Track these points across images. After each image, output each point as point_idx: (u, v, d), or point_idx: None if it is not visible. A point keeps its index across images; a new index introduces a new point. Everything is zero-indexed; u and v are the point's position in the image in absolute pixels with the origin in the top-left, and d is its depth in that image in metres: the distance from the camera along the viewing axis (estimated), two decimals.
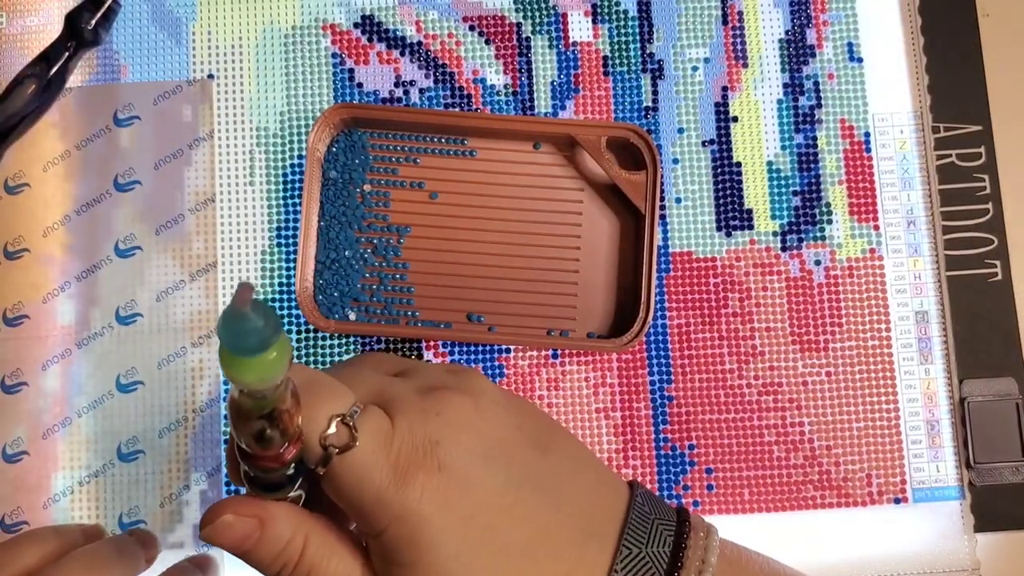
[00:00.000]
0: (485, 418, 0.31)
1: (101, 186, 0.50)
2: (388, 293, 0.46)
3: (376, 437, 0.29)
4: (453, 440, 0.30)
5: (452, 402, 0.31)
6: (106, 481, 0.48)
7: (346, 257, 0.47)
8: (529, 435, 0.32)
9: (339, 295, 0.47)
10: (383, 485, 0.29)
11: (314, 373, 0.30)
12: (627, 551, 0.31)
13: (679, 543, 0.32)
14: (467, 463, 0.30)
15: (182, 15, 0.51)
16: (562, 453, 0.33)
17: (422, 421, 0.30)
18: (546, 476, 0.32)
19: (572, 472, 0.33)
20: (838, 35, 0.51)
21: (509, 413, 0.32)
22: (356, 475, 0.29)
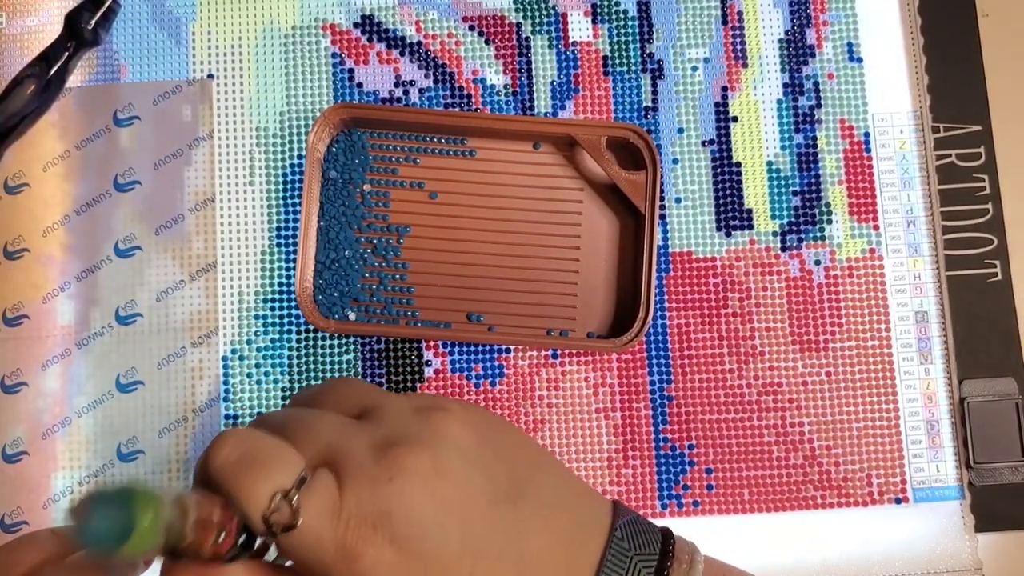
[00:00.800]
0: (444, 477, 0.29)
1: (101, 186, 0.50)
2: (388, 293, 0.46)
3: (321, 514, 0.27)
4: (404, 511, 0.28)
5: (407, 465, 0.29)
6: (106, 481, 0.48)
7: (346, 257, 0.47)
8: (497, 486, 0.31)
9: (339, 295, 0.47)
10: (330, 562, 0.27)
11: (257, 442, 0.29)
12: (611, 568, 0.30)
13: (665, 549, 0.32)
14: (420, 534, 0.28)
15: (182, 15, 0.51)
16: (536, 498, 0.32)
17: (371, 490, 0.28)
18: (511, 535, 0.30)
19: (544, 520, 0.31)
20: (838, 35, 0.51)
21: (474, 465, 0.30)
22: (303, 551, 0.27)
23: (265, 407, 0.48)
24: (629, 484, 0.48)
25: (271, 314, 0.49)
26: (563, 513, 0.32)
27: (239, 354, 0.49)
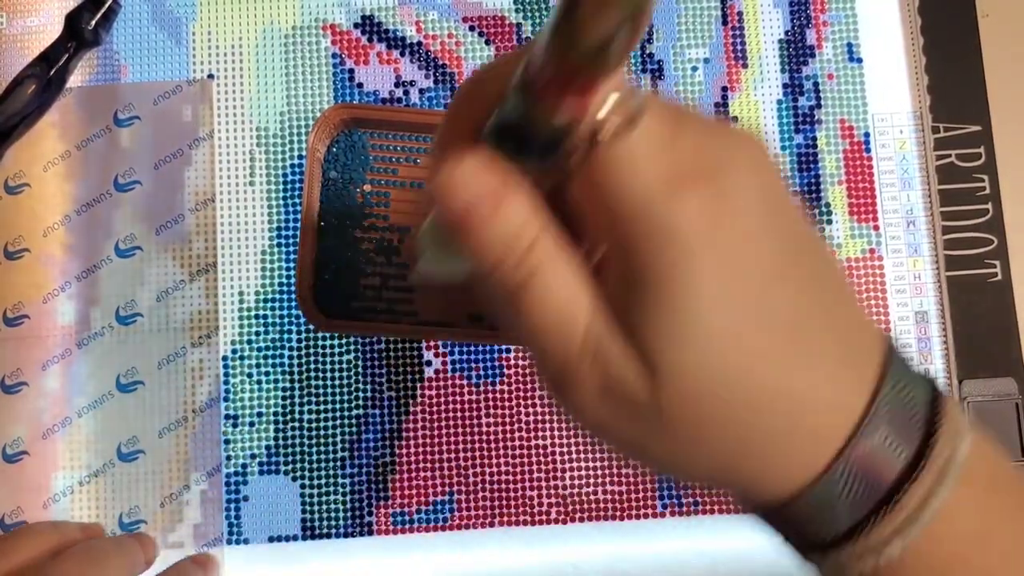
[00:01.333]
0: (772, 175, 0.25)
1: (101, 186, 0.50)
2: (389, 293, 0.46)
3: (657, 132, 0.24)
4: (739, 176, 0.24)
5: (744, 142, 0.25)
6: (106, 481, 0.48)
7: (347, 257, 0.47)
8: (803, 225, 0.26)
9: (340, 296, 0.47)
10: (652, 187, 0.23)
11: None
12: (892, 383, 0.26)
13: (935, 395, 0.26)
14: (748, 205, 0.24)
15: (182, 15, 0.51)
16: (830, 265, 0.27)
17: (709, 140, 0.24)
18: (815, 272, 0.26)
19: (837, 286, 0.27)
20: (838, 35, 0.51)
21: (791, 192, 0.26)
22: (624, 169, 0.23)
23: (265, 407, 0.48)
24: (629, 484, 0.48)
25: (271, 314, 0.49)
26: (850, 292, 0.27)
27: (239, 354, 0.49)
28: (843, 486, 0.25)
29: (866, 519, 0.25)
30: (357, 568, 0.48)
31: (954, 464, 0.25)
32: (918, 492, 0.25)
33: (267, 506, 0.48)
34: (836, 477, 0.25)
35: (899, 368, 0.26)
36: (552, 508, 0.48)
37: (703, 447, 0.25)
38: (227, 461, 0.48)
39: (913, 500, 0.25)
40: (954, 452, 0.25)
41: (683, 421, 0.24)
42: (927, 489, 0.25)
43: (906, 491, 0.25)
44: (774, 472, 0.25)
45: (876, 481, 0.25)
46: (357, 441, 0.48)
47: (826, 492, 0.25)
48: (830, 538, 0.26)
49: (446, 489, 0.48)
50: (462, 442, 0.48)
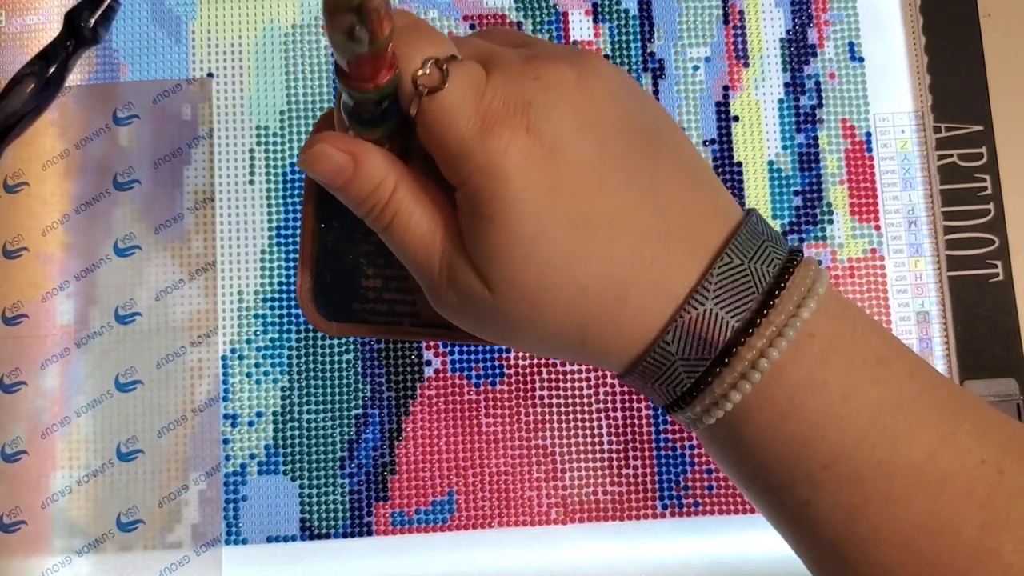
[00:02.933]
0: (587, 93, 0.30)
1: (100, 185, 0.49)
2: (390, 294, 0.46)
3: (467, 85, 0.29)
4: (546, 105, 0.29)
5: (554, 70, 0.30)
6: (105, 481, 0.48)
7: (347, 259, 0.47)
8: (635, 125, 0.31)
9: (340, 297, 0.47)
10: (468, 133, 0.29)
11: (418, 20, 0.31)
12: (727, 260, 0.30)
13: (786, 267, 0.30)
14: (557, 130, 0.29)
15: (182, 13, 0.51)
16: (671, 156, 0.32)
17: (518, 81, 0.30)
18: (642, 168, 0.31)
19: (676, 176, 0.31)
20: (839, 35, 0.51)
21: (617, 98, 0.31)
22: (443, 119, 0.29)
23: (265, 407, 0.48)
24: (629, 484, 0.48)
25: (271, 313, 0.49)
26: (699, 183, 0.32)
27: (239, 353, 0.49)
28: (677, 348, 0.30)
29: (704, 377, 0.30)
30: (356, 568, 0.47)
31: (793, 326, 0.29)
32: (749, 353, 0.29)
33: (266, 506, 0.48)
34: (668, 340, 0.30)
35: (744, 243, 0.31)
36: (552, 508, 0.48)
37: (548, 336, 0.31)
38: (226, 461, 0.48)
39: (744, 359, 0.29)
40: (795, 314, 0.29)
41: (523, 318, 0.30)
42: (758, 350, 0.29)
43: (735, 352, 0.29)
44: (616, 342, 0.31)
45: (708, 343, 0.30)
46: (357, 441, 0.48)
47: (662, 355, 0.30)
48: (678, 395, 0.31)
49: (446, 489, 0.48)
50: (462, 442, 0.48)
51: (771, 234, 0.32)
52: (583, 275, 0.30)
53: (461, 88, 0.29)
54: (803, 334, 0.30)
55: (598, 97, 0.30)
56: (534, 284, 0.30)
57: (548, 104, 0.29)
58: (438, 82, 0.29)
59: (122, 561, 0.47)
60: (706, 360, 0.30)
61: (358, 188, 0.31)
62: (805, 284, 0.30)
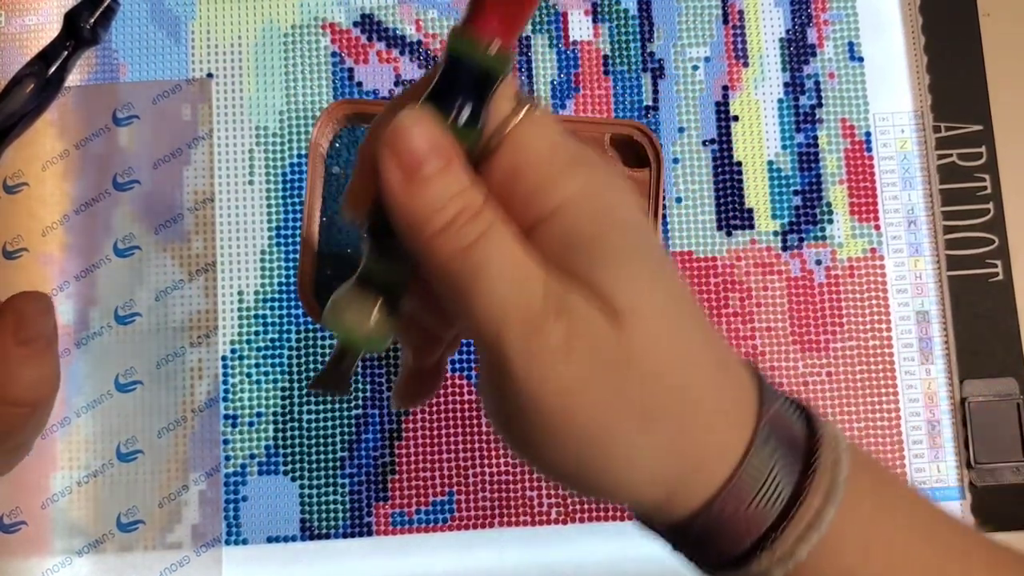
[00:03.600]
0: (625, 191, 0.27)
1: (100, 185, 0.49)
2: None
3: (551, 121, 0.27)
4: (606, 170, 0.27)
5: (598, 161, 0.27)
6: (105, 481, 0.48)
7: (348, 253, 0.47)
8: None
9: None
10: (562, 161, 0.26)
11: None
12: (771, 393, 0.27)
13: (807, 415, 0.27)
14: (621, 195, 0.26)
15: (181, 14, 0.51)
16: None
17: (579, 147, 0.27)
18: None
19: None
20: (839, 34, 0.51)
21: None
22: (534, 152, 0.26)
23: (265, 407, 0.48)
24: None
25: (271, 314, 0.49)
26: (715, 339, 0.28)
27: (238, 354, 0.48)
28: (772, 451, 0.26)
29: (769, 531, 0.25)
30: (356, 568, 0.47)
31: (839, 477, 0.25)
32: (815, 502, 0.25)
33: (266, 506, 0.48)
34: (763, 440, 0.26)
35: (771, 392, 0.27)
36: (552, 508, 0.48)
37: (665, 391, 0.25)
38: (226, 461, 0.48)
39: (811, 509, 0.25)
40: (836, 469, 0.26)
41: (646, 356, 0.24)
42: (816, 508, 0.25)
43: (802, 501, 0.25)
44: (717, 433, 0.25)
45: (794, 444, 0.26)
46: (356, 441, 0.48)
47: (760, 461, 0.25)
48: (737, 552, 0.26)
49: (446, 489, 0.48)
50: (462, 442, 0.48)
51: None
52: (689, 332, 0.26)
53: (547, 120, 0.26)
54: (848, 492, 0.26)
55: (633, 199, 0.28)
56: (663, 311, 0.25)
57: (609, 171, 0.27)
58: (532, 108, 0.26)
59: (122, 561, 0.47)
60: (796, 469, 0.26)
61: (448, 184, 0.24)
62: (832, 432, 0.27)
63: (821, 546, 0.25)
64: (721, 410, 0.26)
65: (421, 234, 0.24)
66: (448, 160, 0.24)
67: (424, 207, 0.24)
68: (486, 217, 0.24)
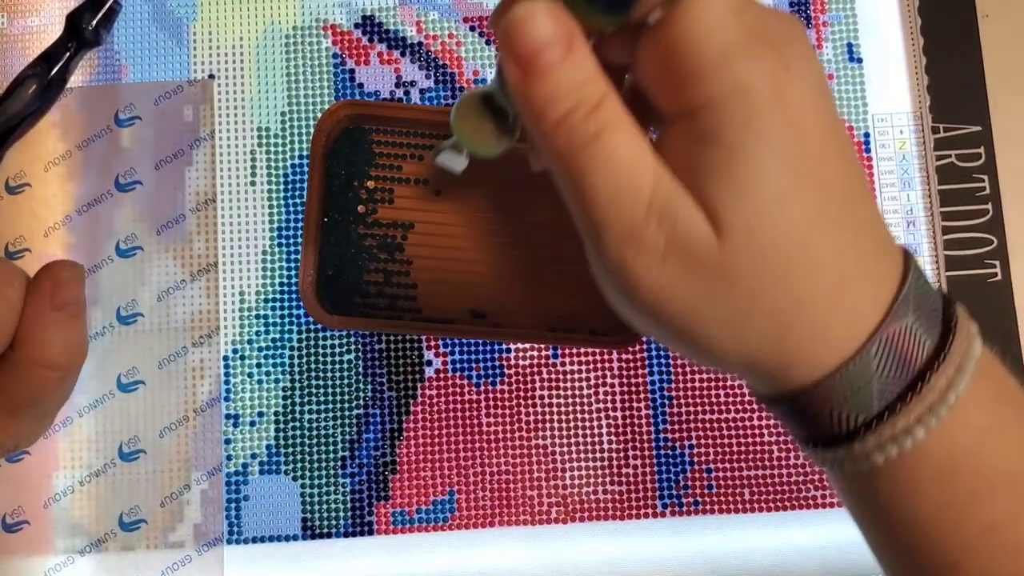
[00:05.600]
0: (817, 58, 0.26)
1: (102, 186, 0.50)
2: (392, 289, 0.46)
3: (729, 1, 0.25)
4: (805, 50, 0.25)
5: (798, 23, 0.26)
6: (107, 480, 0.48)
7: (350, 254, 0.47)
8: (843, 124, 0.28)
9: (342, 291, 0.47)
10: (727, 47, 0.24)
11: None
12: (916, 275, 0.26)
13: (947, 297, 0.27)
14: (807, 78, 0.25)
15: (183, 15, 0.51)
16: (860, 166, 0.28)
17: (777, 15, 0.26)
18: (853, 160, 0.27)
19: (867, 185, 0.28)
20: (838, 35, 0.51)
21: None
22: (701, 29, 0.24)
23: (266, 407, 0.48)
24: (629, 484, 0.48)
25: (272, 314, 0.49)
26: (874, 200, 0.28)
27: (240, 354, 0.49)
28: (877, 365, 0.26)
29: (894, 403, 0.26)
30: (357, 568, 0.48)
31: (971, 359, 0.26)
32: (940, 381, 0.25)
33: (267, 506, 0.48)
34: (872, 354, 0.25)
35: (918, 269, 0.27)
36: (552, 508, 0.48)
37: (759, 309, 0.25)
38: (228, 461, 0.48)
39: (936, 388, 0.25)
40: (971, 348, 0.26)
41: (745, 275, 0.25)
42: (949, 379, 0.25)
43: (929, 379, 0.25)
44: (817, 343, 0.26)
45: (905, 364, 0.26)
46: (357, 441, 0.48)
47: (861, 369, 0.26)
48: (855, 424, 0.26)
49: (446, 489, 0.48)
50: (462, 442, 0.48)
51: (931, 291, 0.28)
52: (818, 248, 0.25)
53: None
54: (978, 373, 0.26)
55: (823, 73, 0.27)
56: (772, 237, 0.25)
57: (806, 49, 0.25)
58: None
59: (124, 561, 0.47)
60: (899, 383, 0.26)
61: (567, 77, 0.24)
62: (967, 319, 0.27)
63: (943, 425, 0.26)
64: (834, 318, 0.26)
65: (537, 123, 0.25)
66: (567, 48, 0.24)
67: (539, 99, 0.24)
68: (601, 117, 0.24)
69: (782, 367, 0.26)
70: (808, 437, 0.28)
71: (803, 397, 0.27)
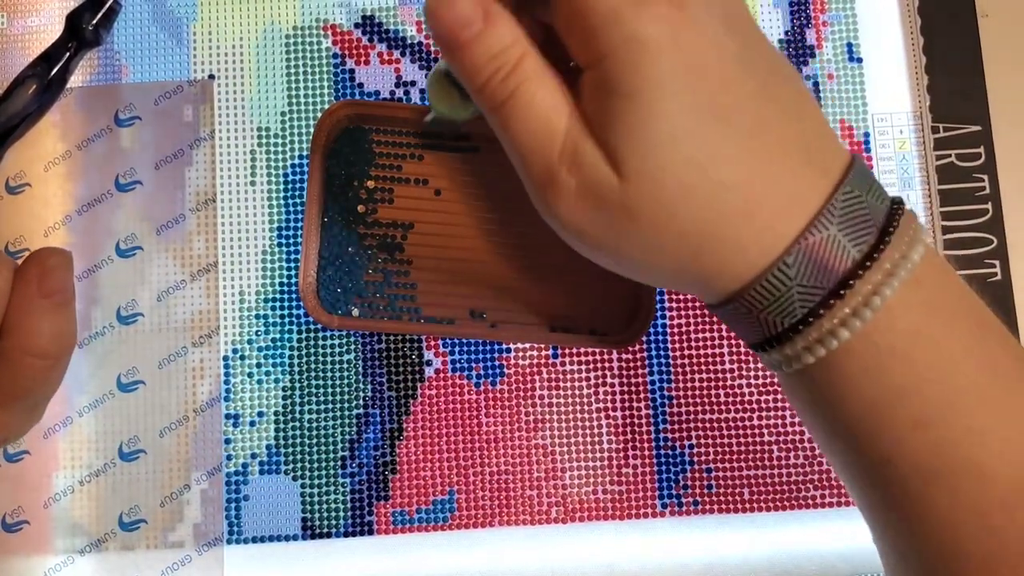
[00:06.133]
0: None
1: (102, 186, 0.50)
2: (391, 289, 0.46)
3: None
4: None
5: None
6: (107, 480, 0.48)
7: (349, 253, 0.47)
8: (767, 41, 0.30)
9: (342, 291, 0.47)
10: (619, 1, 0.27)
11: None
12: (849, 189, 0.28)
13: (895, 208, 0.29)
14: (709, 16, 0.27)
15: (183, 15, 0.51)
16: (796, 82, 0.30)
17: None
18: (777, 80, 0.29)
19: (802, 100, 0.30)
20: (838, 35, 0.51)
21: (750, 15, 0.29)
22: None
23: (266, 407, 0.48)
24: (629, 484, 0.48)
25: (272, 314, 0.49)
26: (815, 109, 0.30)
27: (240, 354, 0.49)
28: (796, 272, 0.28)
29: (816, 308, 0.28)
30: (357, 567, 0.48)
31: (904, 266, 0.28)
32: (865, 287, 0.28)
33: (267, 505, 0.48)
34: (789, 263, 0.28)
35: (859, 179, 0.29)
36: (552, 507, 0.48)
37: (668, 237, 0.28)
38: (228, 461, 0.48)
39: (860, 293, 0.28)
40: (905, 255, 0.28)
41: (649, 214, 0.28)
42: (874, 285, 0.28)
43: (853, 285, 0.28)
44: (733, 258, 0.29)
45: (826, 271, 0.28)
46: (357, 441, 0.48)
47: (780, 277, 0.28)
48: (783, 327, 0.29)
49: (446, 489, 0.48)
50: (462, 442, 0.48)
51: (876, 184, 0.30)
52: (721, 178, 0.28)
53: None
54: (912, 279, 0.28)
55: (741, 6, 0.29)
56: (670, 176, 0.27)
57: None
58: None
59: (124, 560, 0.47)
60: (822, 289, 0.28)
61: (485, 47, 0.28)
62: (913, 227, 0.29)
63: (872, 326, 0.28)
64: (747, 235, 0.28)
65: (468, 86, 0.29)
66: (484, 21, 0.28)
67: (466, 68, 0.29)
68: (518, 74, 0.28)
69: (705, 280, 0.30)
70: (752, 342, 0.31)
71: (734, 305, 0.30)
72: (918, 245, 0.28)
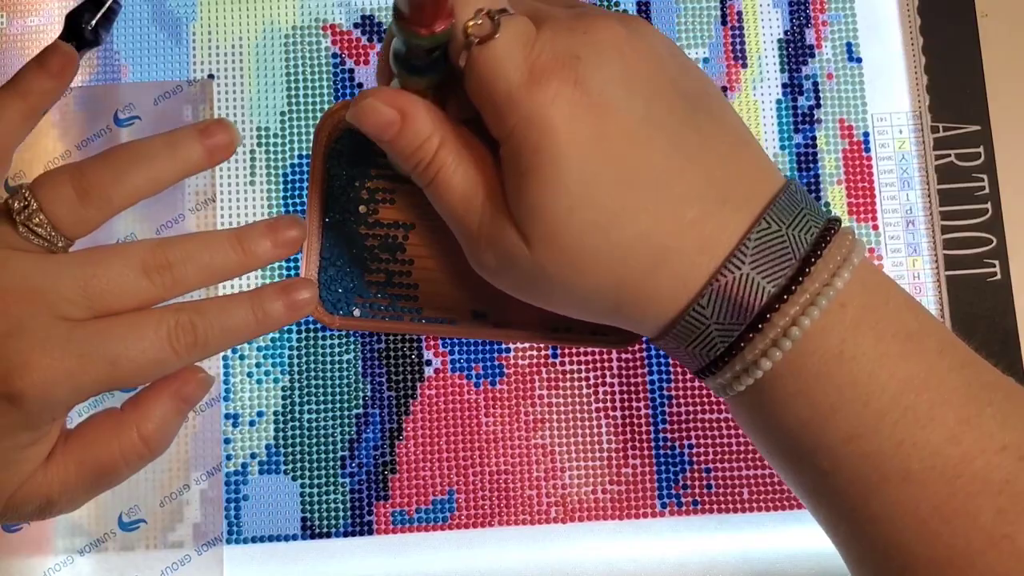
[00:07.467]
0: (636, 51, 0.30)
1: None
2: (393, 289, 0.46)
3: (517, 36, 0.29)
4: (595, 60, 0.29)
5: (604, 27, 0.30)
6: None
7: (351, 254, 0.47)
8: (682, 87, 0.31)
9: (344, 291, 0.47)
10: (516, 83, 0.29)
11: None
12: (766, 225, 0.30)
13: (823, 236, 0.30)
14: (605, 85, 0.29)
15: (182, 15, 0.51)
16: (716, 120, 0.32)
17: (567, 36, 0.30)
18: (687, 130, 0.30)
19: (720, 140, 0.31)
20: (837, 35, 0.51)
21: (664, 61, 0.31)
22: (492, 69, 0.29)
23: (265, 406, 0.48)
24: (629, 483, 0.48)
25: None
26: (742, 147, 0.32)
27: (239, 353, 0.49)
28: (712, 312, 0.30)
29: (737, 342, 0.30)
30: (357, 567, 0.48)
31: (826, 294, 0.29)
32: (782, 319, 0.29)
33: (267, 505, 0.48)
34: (704, 303, 0.30)
35: (782, 210, 0.30)
36: (552, 507, 0.48)
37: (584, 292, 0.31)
38: (227, 460, 0.48)
39: (777, 326, 0.29)
40: (829, 283, 0.29)
41: (560, 276, 0.31)
42: (792, 317, 0.29)
43: (769, 318, 0.30)
44: (649, 306, 0.31)
45: (741, 309, 0.30)
46: (357, 440, 0.48)
47: (697, 317, 0.30)
48: (710, 359, 0.31)
49: (446, 489, 0.48)
50: (462, 442, 0.48)
51: (809, 203, 0.31)
52: (624, 237, 0.30)
53: (511, 38, 0.29)
54: (836, 304, 0.30)
55: (647, 57, 0.30)
56: (574, 242, 0.30)
57: (597, 59, 0.29)
58: (489, 32, 0.29)
59: (124, 560, 0.47)
60: (740, 325, 0.30)
61: (405, 142, 0.31)
62: (841, 253, 0.30)
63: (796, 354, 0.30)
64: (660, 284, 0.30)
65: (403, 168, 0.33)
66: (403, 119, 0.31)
67: (396, 157, 0.32)
68: (436, 163, 0.31)
69: (633, 323, 0.32)
70: (692, 370, 0.33)
71: (664, 341, 0.32)
72: (843, 271, 0.30)
